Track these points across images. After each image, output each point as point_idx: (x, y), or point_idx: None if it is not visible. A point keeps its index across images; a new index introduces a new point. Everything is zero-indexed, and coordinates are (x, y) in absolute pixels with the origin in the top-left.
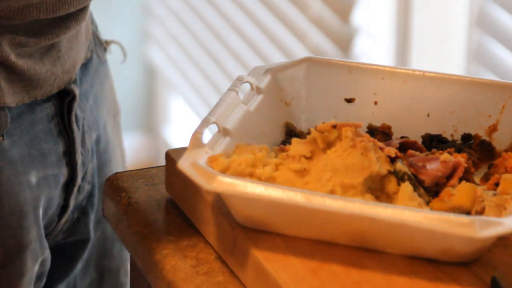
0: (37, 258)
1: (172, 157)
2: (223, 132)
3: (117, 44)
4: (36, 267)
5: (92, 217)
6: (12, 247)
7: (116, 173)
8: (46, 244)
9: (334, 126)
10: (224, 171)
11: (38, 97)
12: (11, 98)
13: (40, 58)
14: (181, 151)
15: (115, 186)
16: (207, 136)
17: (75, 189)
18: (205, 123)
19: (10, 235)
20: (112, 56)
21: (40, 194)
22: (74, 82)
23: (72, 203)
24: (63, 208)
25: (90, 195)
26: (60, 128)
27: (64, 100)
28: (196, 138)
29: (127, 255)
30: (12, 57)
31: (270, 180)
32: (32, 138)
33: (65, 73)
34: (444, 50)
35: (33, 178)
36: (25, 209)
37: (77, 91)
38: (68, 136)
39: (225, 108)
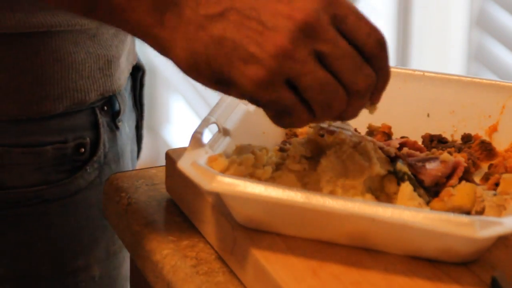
0: None
1: (172, 157)
2: (223, 132)
3: None
4: None
5: None
6: None
7: (116, 173)
8: None
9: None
10: (224, 171)
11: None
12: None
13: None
14: (181, 151)
15: (115, 186)
16: (207, 136)
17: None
18: (205, 123)
19: None
20: None
21: None
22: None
23: None
24: None
25: None
26: (132, 103)
27: (136, 76)
28: (196, 138)
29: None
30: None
31: (270, 180)
32: (127, 117)
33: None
34: (444, 50)
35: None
36: None
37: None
38: (137, 110)
39: (225, 108)
